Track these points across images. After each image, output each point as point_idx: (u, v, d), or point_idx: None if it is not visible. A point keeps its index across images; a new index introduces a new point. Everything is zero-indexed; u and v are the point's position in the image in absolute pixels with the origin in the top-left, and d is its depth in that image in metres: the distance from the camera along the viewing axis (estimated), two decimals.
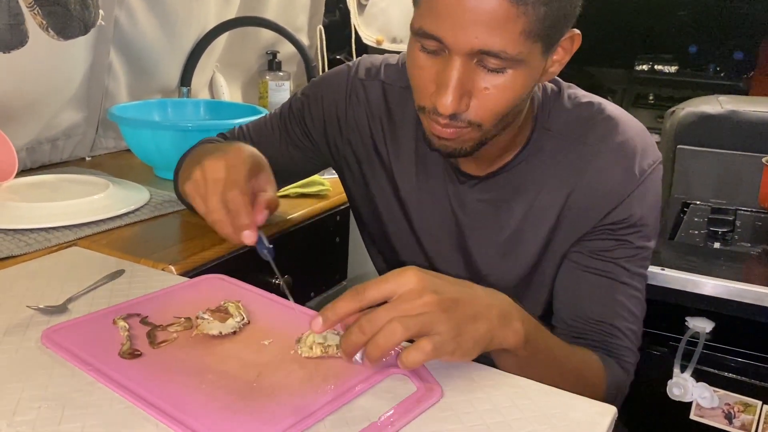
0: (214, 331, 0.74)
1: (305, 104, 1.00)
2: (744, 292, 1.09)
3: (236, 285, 0.88)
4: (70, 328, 0.75)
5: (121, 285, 0.90)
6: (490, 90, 0.72)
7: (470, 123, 0.75)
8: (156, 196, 1.28)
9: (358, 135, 0.97)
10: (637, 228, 0.86)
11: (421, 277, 0.63)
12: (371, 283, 0.63)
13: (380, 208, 0.99)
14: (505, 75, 0.72)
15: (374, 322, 0.60)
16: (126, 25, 1.52)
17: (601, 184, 0.85)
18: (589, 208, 0.86)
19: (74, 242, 1.06)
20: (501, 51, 0.69)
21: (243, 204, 0.74)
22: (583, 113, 0.87)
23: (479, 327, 0.65)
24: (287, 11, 2.06)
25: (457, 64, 0.70)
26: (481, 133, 0.77)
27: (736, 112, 1.59)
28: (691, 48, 3.25)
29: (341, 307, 0.62)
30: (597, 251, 0.87)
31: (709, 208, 1.50)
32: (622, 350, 0.87)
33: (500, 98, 0.73)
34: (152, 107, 1.59)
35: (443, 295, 0.63)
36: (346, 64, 1.00)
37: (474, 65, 0.71)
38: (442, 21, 0.69)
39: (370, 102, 0.95)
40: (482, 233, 0.92)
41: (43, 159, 1.49)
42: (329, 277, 1.45)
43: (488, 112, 0.74)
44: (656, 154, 0.87)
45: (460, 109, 0.73)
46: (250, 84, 2.08)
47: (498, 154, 0.88)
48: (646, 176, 0.85)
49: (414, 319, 0.60)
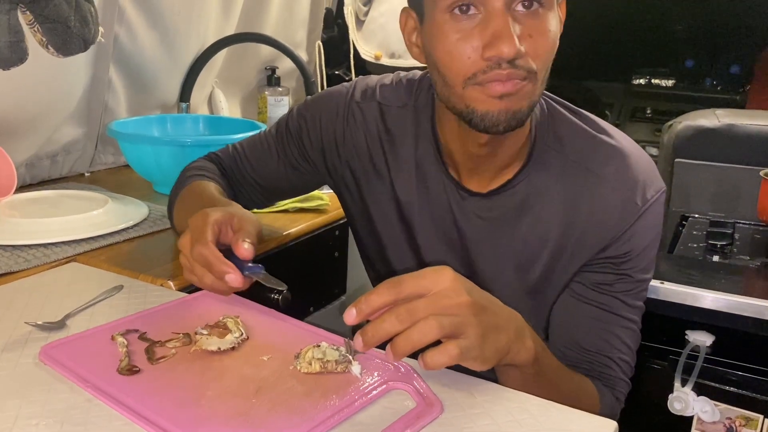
0: (213, 347, 0.73)
1: (303, 126, 1.00)
2: (744, 306, 1.09)
3: (235, 300, 0.87)
4: (68, 344, 0.75)
5: (120, 300, 0.90)
6: (534, 35, 0.73)
7: (528, 71, 0.74)
8: (155, 211, 1.28)
9: (356, 157, 0.97)
10: (638, 261, 0.86)
11: (457, 276, 0.63)
12: (408, 277, 0.62)
13: (379, 228, 0.99)
14: (543, 17, 0.73)
15: (413, 313, 0.60)
16: (126, 41, 1.53)
17: (602, 214, 0.84)
18: (589, 236, 0.85)
19: (73, 258, 1.06)
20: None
21: (209, 255, 0.74)
22: (588, 138, 0.87)
23: (501, 338, 0.65)
24: (286, 27, 2.07)
25: (500, 8, 0.71)
26: (534, 87, 0.76)
27: (733, 126, 1.60)
28: (688, 62, 3.27)
29: (376, 298, 0.61)
30: (597, 284, 0.87)
31: (707, 221, 1.51)
32: (615, 381, 0.87)
33: (544, 41, 0.74)
34: (151, 123, 1.60)
35: (475, 298, 0.63)
36: (343, 85, 1.00)
37: (512, 12, 0.72)
38: None
39: (368, 123, 0.95)
40: (486, 249, 0.91)
41: (43, 175, 1.50)
42: (328, 291, 1.45)
43: (539, 57, 0.74)
44: (659, 184, 0.86)
45: (521, 50, 0.72)
46: (249, 99, 2.09)
47: (500, 168, 0.87)
48: (648, 207, 0.84)
49: (450, 318, 0.60)
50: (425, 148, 0.92)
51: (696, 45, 3.29)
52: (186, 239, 0.78)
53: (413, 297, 0.61)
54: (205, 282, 0.76)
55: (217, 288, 0.76)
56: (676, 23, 3.26)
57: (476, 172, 0.88)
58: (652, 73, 3.28)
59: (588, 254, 0.86)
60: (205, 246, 0.75)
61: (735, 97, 3.04)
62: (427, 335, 0.59)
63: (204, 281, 0.76)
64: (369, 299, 0.61)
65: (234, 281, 0.74)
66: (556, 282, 0.89)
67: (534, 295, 0.91)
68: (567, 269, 0.88)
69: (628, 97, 3.20)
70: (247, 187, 1.08)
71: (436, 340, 0.61)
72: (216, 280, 0.75)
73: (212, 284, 0.76)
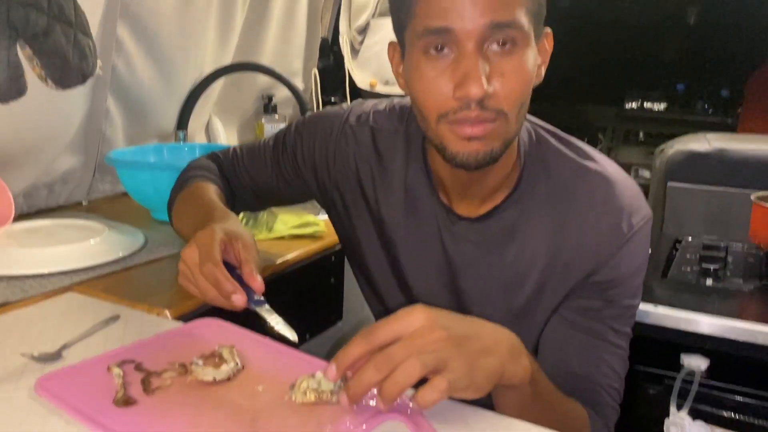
0: (209, 378, 0.74)
1: (298, 143, 1.03)
2: (738, 330, 1.10)
3: (231, 329, 0.88)
4: (64, 375, 0.75)
5: (116, 330, 0.90)
6: (506, 74, 0.74)
7: (497, 112, 0.75)
8: (152, 239, 1.29)
9: (345, 179, 0.99)
10: (625, 288, 0.87)
11: (429, 313, 0.63)
12: (380, 324, 0.63)
13: (364, 249, 1.00)
14: (516, 55, 0.74)
15: (391, 358, 0.60)
16: (124, 72, 1.55)
17: (588, 240, 0.85)
18: (576, 262, 0.86)
19: (70, 287, 1.06)
20: (511, 21, 0.72)
21: (219, 273, 0.79)
22: (575, 165, 0.88)
23: (491, 361, 0.65)
24: (283, 56, 2.10)
25: (471, 47, 0.73)
26: (506, 127, 0.77)
27: (724, 150, 1.62)
28: (679, 86, 3.31)
29: (352, 350, 0.62)
30: (585, 310, 0.87)
31: (700, 244, 1.52)
32: (605, 408, 0.87)
33: (516, 80, 0.75)
34: (148, 152, 1.61)
35: (453, 330, 0.63)
36: (341, 107, 1.02)
37: (485, 52, 0.74)
38: (447, 11, 0.72)
39: (360, 147, 0.97)
40: (474, 273, 0.92)
41: (40, 204, 1.50)
42: (325, 318, 1.45)
43: (508, 97, 0.75)
44: (645, 211, 0.87)
45: (489, 91, 0.74)
46: (246, 127, 2.11)
47: (488, 193, 0.89)
48: (633, 233, 0.85)
49: (430, 355, 0.60)
50: (415, 172, 0.93)
51: (687, 69, 3.33)
52: (192, 252, 0.82)
53: (389, 342, 0.62)
54: (208, 295, 0.80)
55: (218, 302, 0.80)
56: (667, 48, 3.31)
57: (465, 197, 0.89)
58: (644, 96, 3.32)
59: (575, 280, 0.87)
60: (216, 265, 0.79)
61: (726, 119, 3.08)
62: (411, 375, 0.59)
63: (207, 295, 0.80)
64: (346, 352, 0.62)
65: (239, 301, 0.78)
66: (543, 307, 0.90)
67: (521, 320, 0.91)
68: (554, 295, 0.89)
69: (620, 121, 3.24)
70: (242, 191, 1.11)
71: (424, 379, 0.61)
72: (219, 296, 0.79)
73: (214, 299, 0.80)
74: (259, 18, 1.94)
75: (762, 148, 1.61)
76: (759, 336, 1.08)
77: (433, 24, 0.73)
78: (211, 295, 0.80)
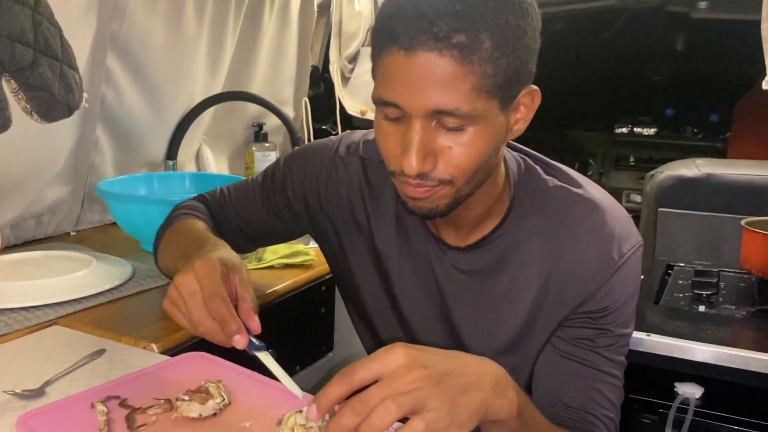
0: (194, 414, 0.72)
1: (288, 176, 1.02)
2: (732, 357, 1.09)
3: (218, 363, 0.87)
4: (46, 413, 0.73)
5: (102, 365, 0.89)
6: (454, 148, 0.75)
7: (441, 181, 0.77)
8: (140, 270, 1.28)
9: (337, 210, 0.98)
10: (617, 316, 0.86)
11: (408, 352, 0.62)
12: (359, 364, 0.62)
13: (358, 280, 1.00)
14: (466, 133, 0.74)
15: (367, 402, 0.59)
16: (113, 102, 1.55)
17: (579, 269, 0.85)
18: (567, 291, 0.86)
19: (55, 321, 1.04)
20: (455, 109, 0.71)
21: (228, 312, 0.74)
22: (564, 193, 0.88)
23: (474, 397, 0.63)
24: (273, 85, 2.11)
25: (417, 126, 0.73)
26: (455, 190, 0.78)
27: (713, 175, 1.63)
28: (668, 111, 3.35)
29: (332, 391, 0.61)
30: (577, 339, 0.87)
31: (692, 270, 1.51)
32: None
33: (465, 155, 0.75)
34: (138, 181, 1.60)
35: (433, 369, 0.62)
36: (329, 138, 1.02)
37: (434, 126, 0.74)
38: (397, 87, 0.73)
39: (351, 177, 0.97)
40: (466, 303, 0.92)
41: (27, 235, 1.49)
42: (315, 348, 1.43)
43: (457, 169, 0.76)
44: (636, 238, 0.87)
45: (425, 168, 0.75)
46: (236, 155, 2.11)
47: (475, 224, 0.89)
48: (625, 261, 0.85)
49: (406, 396, 0.59)
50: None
51: (676, 94, 3.37)
52: (189, 281, 0.76)
53: (368, 382, 0.61)
54: (200, 329, 0.75)
55: (209, 337, 0.75)
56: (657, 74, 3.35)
57: (453, 226, 0.89)
58: (634, 122, 3.35)
59: (567, 309, 0.86)
60: (225, 302, 0.75)
61: (715, 144, 3.11)
62: (385, 418, 0.58)
63: (199, 328, 0.75)
64: (326, 393, 0.61)
65: (239, 344, 0.74)
66: (536, 337, 0.89)
67: (514, 350, 0.91)
68: (547, 325, 0.88)
69: (611, 146, 3.26)
70: (231, 231, 1.09)
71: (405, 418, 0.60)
72: (212, 331, 0.74)
73: (206, 333, 0.75)
74: (250, 46, 1.95)
75: (750, 173, 1.62)
76: (753, 363, 1.07)
77: (385, 96, 0.74)
78: (204, 329, 0.75)
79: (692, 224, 1.63)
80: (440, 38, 0.69)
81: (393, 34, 0.72)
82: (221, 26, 1.78)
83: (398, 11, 0.72)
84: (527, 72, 0.76)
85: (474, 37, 0.69)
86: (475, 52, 0.70)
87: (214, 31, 1.76)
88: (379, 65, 0.75)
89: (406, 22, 0.70)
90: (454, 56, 0.69)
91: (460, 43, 0.69)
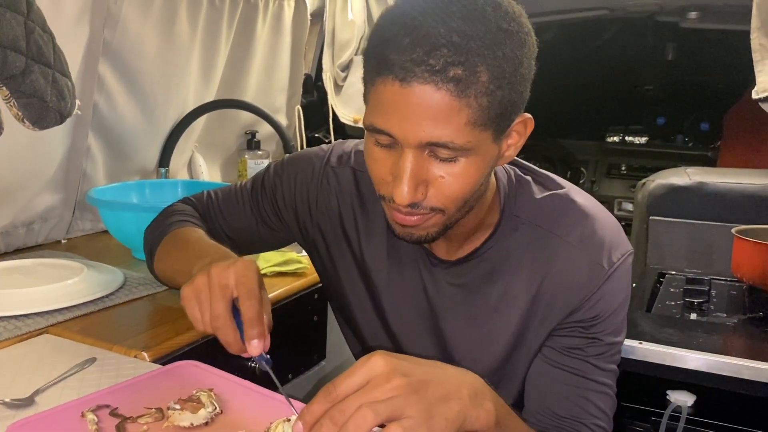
0: (186, 423, 0.72)
1: (278, 185, 1.01)
2: (723, 365, 1.09)
3: (209, 372, 0.86)
4: (35, 423, 0.73)
5: (92, 374, 0.88)
6: (446, 178, 0.74)
7: (432, 209, 0.76)
8: (131, 279, 1.27)
9: (327, 220, 0.98)
10: (607, 325, 0.86)
11: (388, 360, 0.62)
12: (341, 378, 0.62)
13: (347, 292, 0.99)
14: (458, 163, 0.73)
15: (344, 411, 0.59)
16: (105, 110, 1.55)
17: (569, 278, 0.85)
18: (557, 300, 0.86)
19: (45, 329, 1.04)
20: (449, 142, 0.70)
21: (258, 313, 0.73)
22: (554, 203, 0.88)
23: (452, 407, 0.63)
24: (266, 93, 2.11)
25: (410, 156, 0.72)
26: (446, 218, 0.78)
27: (704, 184, 1.64)
28: (660, 119, 3.36)
29: (316, 409, 0.61)
30: (568, 348, 0.87)
31: (684, 278, 1.52)
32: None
33: (457, 185, 0.74)
34: (130, 189, 1.60)
35: (412, 377, 0.62)
36: (321, 147, 1.02)
37: (426, 156, 0.73)
38: (390, 116, 0.71)
39: (342, 188, 0.97)
40: (456, 317, 0.91)
41: (18, 243, 1.48)
42: (308, 357, 1.43)
43: (448, 199, 0.75)
44: (626, 246, 0.87)
45: (417, 198, 0.74)
46: (229, 163, 2.11)
47: (465, 237, 0.88)
48: (614, 269, 0.85)
49: (383, 403, 0.59)
50: None
51: (667, 103, 3.39)
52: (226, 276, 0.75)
53: (350, 394, 0.61)
54: (216, 323, 0.74)
55: (230, 342, 0.74)
56: (648, 83, 3.37)
57: (444, 241, 0.89)
58: (626, 131, 3.37)
59: (557, 319, 0.86)
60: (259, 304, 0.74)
61: (706, 152, 3.13)
62: (363, 425, 0.58)
63: (215, 323, 0.73)
64: (310, 410, 0.61)
65: (257, 349, 0.73)
66: (527, 348, 0.89)
67: (505, 361, 0.91)
68: (537, 334, 0.88)
69: (603, 155, 3.27)
70: (218, 238, 1.07)
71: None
72: (229, 328, 0.73)
73: (222, 328, 0.74)
74: (243, 54, 1.95)
75: (741, 181, 1.63)
76: (744, 371, 1.07)
77: (378, 125, 0.73)
78: (220, 324, 0.73)
79: (683, 232, 1.64)
80: (437, 71, 0.67)
81: (388, 64, 0.70)
82: (214, 34, 1.78)
83: (393, 38, 0.70)
84: (522, 101, 0.76)
85: (471, 70, 0.68)
86: (472, 86, 0.68)
87: (207, 39, 1.76)
88: (372, 92, 0.73)
89: (401, 51, 0.69)
90: (450, 90, 0.68)
91: (457, 76, 0.68)
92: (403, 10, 0.71)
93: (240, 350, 0.74)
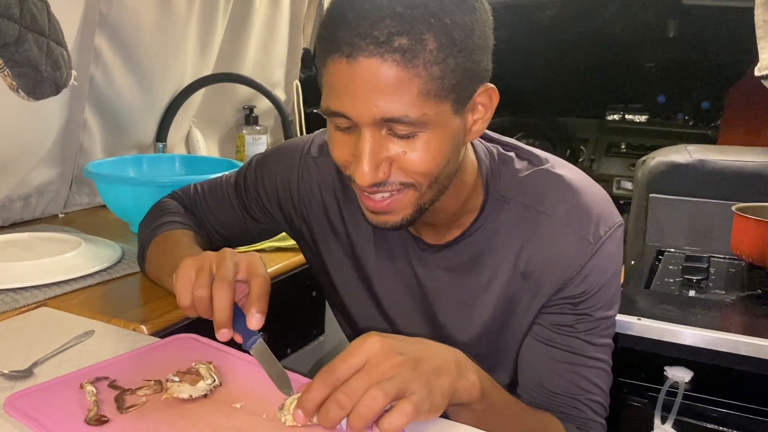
0: (185, 395, 0.72)
1: (259, 179, 1.01)
2: (721, 341, 1.09)
3: (208, 345, 0.86)
4: (34, 394, 0.72)
5: (91, 346, 0.88)
6: (408, 153, 0.72)
7: (402, 184, 0.74)
8: (129, 252, 1.27)
9: (312, 210, 0.97)
10: (597, 300, 0.84)
11: (384, 341, 0.63)
12: (338, 361, 0.62)
13: (335, 280, 0.99)
14: (418, 138, 0.72)
15: (351, 393, 0.60)
16: (102, 83, 1.53)
17: (556, 254, 0.83)
18: (545, 277, 0.84)
19: (43, 302, 1.03)
20: (403, 116, 0.69)
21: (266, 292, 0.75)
22: (539, 179, 0.86)
23: (444, 380, 0.65)
24: (264, 67, 2.09)
25: (367, 135, 0.71)
26: (417, 195, 0.76)
27: (705, 161, 1.63)
28: (660, 98, 3.34)
29: (316, 394, 0.62)
30: (558, 325, 0.86)
31: (683, 255, 1.52)
32: (587, 423, 0.86)
33: (421, 161, 0.72)
34: (127, 163, 1.59)
35: (407, 355, 0.63)
36: (301, 138, 1.01)
37: (385, 134, 0.72)
38: (343, 97, 0.70)
39: (323, 178, 0.96)
40: (449, 299, 0.91)
41: (15, 217, 1.48)
42: (307, 332, 1.43)
43: (415, 173, 0.74)
44: (614, 218, 0.85)
45: (379, 178, 0.73)
46: (227, 138, 2.09)
47: (452, 221, 0.87)
48: (602, 243, 0.83)
49: (389, 382, 0.60)
50: None
51: (668, 81, 3.37)
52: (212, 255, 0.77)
53: (350, 377, 0.61)
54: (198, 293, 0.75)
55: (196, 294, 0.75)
56: (648, 61, 3.34)
57: (431, 226, 0.88)
58: (626, 109, 3.34)
59: (546, 296, 0.85)
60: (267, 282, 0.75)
61: (706, 131, 3.11)
62: (374, 406, 0.59)
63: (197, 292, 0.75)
64: (309, 397, 0.61)
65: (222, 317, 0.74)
66: (518, 325, 0.89)
67: (498, 341, 0.90)
68: (528, 313, 0.87)
69: (602, 133, 3.25)
70: (207, 232, 1.08)
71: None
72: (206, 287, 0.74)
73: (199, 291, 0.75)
74: (240, 28, 1.93)
75: (741, 159, 1.62)
76: (742, 347, 1.08)
77: (332, 107, 0.72)
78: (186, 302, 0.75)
79: (683, 210, 1.63)
80: (381, 42, 0.66)
81: (335, 42, 0.69)
82: (212, 7, 1.75)
83: (340, 18, 0.69)
84: (481, 70, 0.73)
85: (417, 39, 0.66)
86: (419, 55, 0.67)
87: (205, 12, 1.74)
88: (324, 75, 0.72)
89: (347, 28, 0.68)
90: (396, 60, 0.66)
91: (403, 46, 0.66)
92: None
93: (227, 321, 0.74)
